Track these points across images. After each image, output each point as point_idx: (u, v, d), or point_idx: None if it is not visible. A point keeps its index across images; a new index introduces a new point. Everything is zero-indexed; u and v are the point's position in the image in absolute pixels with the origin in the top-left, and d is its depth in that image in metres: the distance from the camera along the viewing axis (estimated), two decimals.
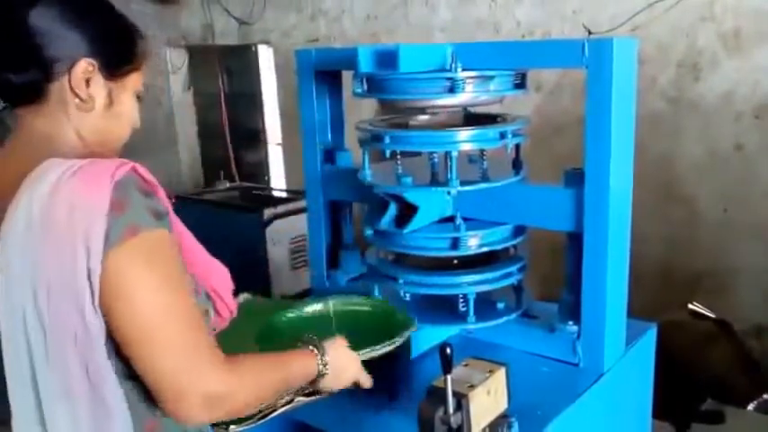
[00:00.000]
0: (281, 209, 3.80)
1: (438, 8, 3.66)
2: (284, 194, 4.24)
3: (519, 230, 1.59)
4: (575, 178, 1.43)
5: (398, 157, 1.56)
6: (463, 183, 1.48)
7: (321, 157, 1.84)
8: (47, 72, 0.93)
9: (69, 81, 0.94)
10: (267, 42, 4.65)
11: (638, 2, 2.94)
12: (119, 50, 0.99)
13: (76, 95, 0.95)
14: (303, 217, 1.94)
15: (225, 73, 5.09)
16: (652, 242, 2.97)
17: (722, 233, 2.89)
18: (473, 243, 1.54)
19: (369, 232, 1.63)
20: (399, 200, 1.54)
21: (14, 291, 0.87)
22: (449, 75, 1.44)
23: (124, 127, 1.03)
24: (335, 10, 4.12)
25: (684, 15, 2.86)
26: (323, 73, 1.79)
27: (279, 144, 4.95)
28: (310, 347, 1.15)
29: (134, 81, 1.02)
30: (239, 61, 4.99)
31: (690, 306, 2.52)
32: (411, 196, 1.51)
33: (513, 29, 3.37)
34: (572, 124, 2.98)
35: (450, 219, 1.57)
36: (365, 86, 1.53)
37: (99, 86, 0.97)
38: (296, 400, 1.20)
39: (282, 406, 1.23)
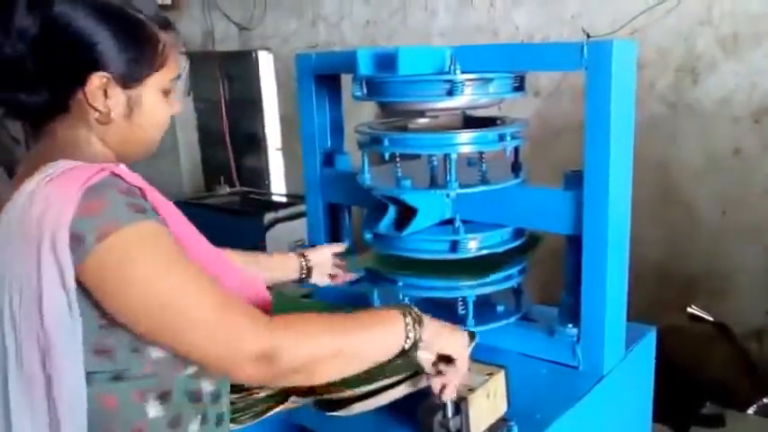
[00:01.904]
0: (281, 213, 3.80)
1: (437, 13, 3.67)
2: (284, 199, 4.25)
3: (519, 233, 1.60)
4: (574, 180, 1.43)
5: (398, 159, 1.56)
6: (462, 185, 1.48)
7: (321, 161, 1.84)
8: (59, 91, 0.93)
9: (85, 96, 0.93)
10: (267, 48, 4.66)
11: (636, 6, 2.95)
12: (132, 60, 0.95)
13: (95, 109, 0.94)
14: (303, 221, 1.94)
15: (225, 79, 5.11)
16: (651, 245, 2.97)
17: (721, 236, 2.89)
18: (472, 246, 1.54)
19: (368, 235, 1.63)
20: (398, 203, 1.54)
21: None
22: (448, 77, 1.44)
23: (148, 131, 1.01)
24: (335, 16, 4.13)
25: (683, 20, 2.87)
26: (322, 77, 1.79)
27: (279, 149, 4.96)
28: (399, 307, 1.06)
29: (157, 81, 0.99)
30: (239, 67, 5.01)
31: (689, 309, 2.52)
32: (410, 199, 1.51)
33: (511, 34, 3.38)
34: (571, 128, 2.98)
35: (450, 221, 1.57)
36: (364, 90, 1.54)
37: (117, 96, 0.95)
38: (291, 400, 1.20)
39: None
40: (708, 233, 2.92)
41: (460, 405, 1.17)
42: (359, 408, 1.20)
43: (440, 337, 1.10)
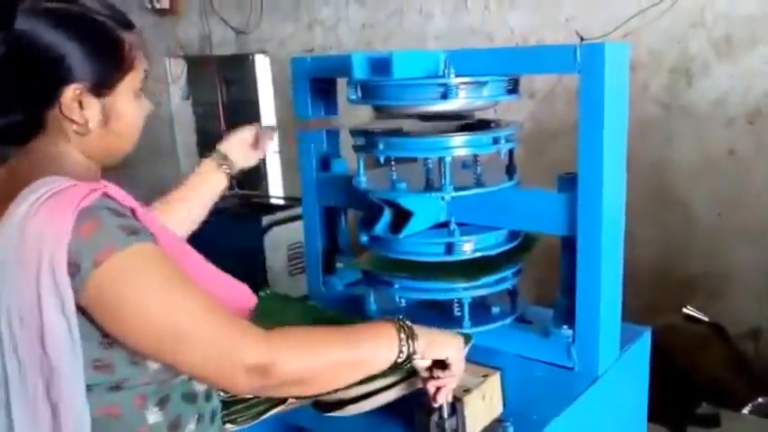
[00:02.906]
0: (279, 216, 3.81)
1: (432, 16, 3.69)
2: (282, 201, 4.25)
3: (514, 235, 1.60)
4: (568, 183, 1.44)
5: (393, 162, 1.57)
6: (457, 188, 1.49)
7: (317, 165, 1.85)
8: (33, 109, 0.91)
9: (61, 110, 0.91)
10: (264, 52, 4.67)
11: (630, 9, 2.97)
12: (102, 67, 0.93)
13: (72, 121, 0.92)
14: (301, 224, 1.95)
15: (223, 82, 5.12)
16: (646, 246, 2.98)
17: (716, 237, 2.90)
18: (467, 248, 1.55)
19: (364, 238, 1.63)
20: (394, 205, 1.55)
21: None
22: (442, 81, 1.45)
23: (127, 138, 1.00)
24: (331, 19, 4.14)
25: (676, 22, 2.89)
26: (318, 80, 1.80)
27: (276, 152, 4.96)
28: (392, 321, 1.06)
29: (128, 84, 0.97)
30: (237, 71, 5.01)
31: (684, 310, 2.53)
32: (405, 202, 1.51)
33: (506, 37, 3.39)
34: (566, 130, 2.99)
35: (445, 224, 1.58)
36: (359, 93, 1.54)
37: (92, 106, 0.93)
38: (289, 401, 1.20)
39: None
40: (703, 234, 2.93)
41: (456, 406, 1.17)
42: (356, 409, 1.20)
43: (433, 345, 1.10)
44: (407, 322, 1.08)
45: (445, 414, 1.18)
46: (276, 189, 5.00)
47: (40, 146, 0.94)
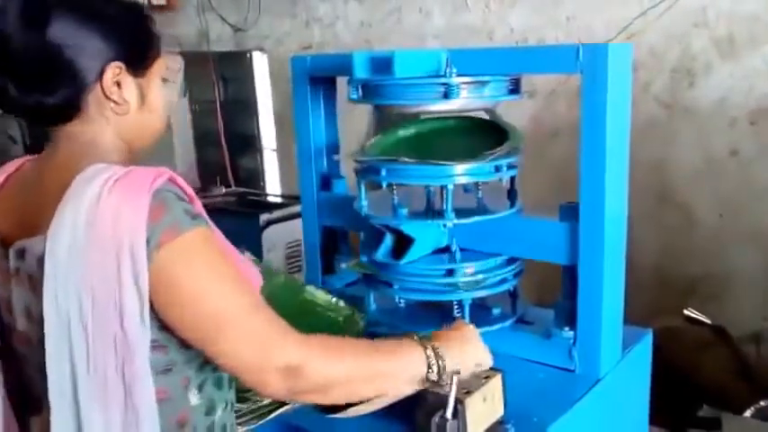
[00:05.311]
0: (276, 214, 3.79)
1: (432, 15, 3.67)
2: (280, 199, 4.24)
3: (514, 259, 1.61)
4: (569, 212, 1.44)
5: (394, 187, 1.56)
6: (459, 215, 1.49)
7: (317, 184, 1.84)
8: (78, 87, 0.94)
9: (102, 89, 0.95)
10: (262, 49, 4.66)
11: (631, 8, 2.95)
12: (140, 45, 0.99)
13: (112, 100, 0.96)
14: (299, 222, 1.95)
15: (220, 80, 5.10)
16: (648, 247, 2.97)
17: (718, 238, 2.89)
18: (469, 272, 1.55)
19: (364, 259, 1.63)
20: (395, 231, 1.55)
21: (62, 296, 0.88)
22: (444, 80, 1.44)
23: (159, 118, 1.05)
24: (329, 17, 4.13)
25: (678, 21, 2.87)
26: (318, 79, 1.79)
27: (274, 150, 4.95)
28: (415, 338, 1.11)
29: (158, 67, 1.03)
30: (234, 68, 5.00)
31: (685, 312, 2.52)
32: (407, 229, 1.52)
33: (506, 35, 3.38)
34: (568, 130, 2.98)
35: (446, 249, 1.59)
36: (360, 92, 1.54)
37: (130, 86, 0.98)
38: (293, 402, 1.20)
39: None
40: (705, 235, 2.92)
41: (457, 408, 1.16)
42: (357, 411, 1.20)
43: (465, 355, 1.15)
44: (425, 339, 1.13)
45: (446, 416, 1.17)
46: (274, 187, 4.99)
47: (78, 128, 0.97)
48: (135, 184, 0.89)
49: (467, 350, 1.17)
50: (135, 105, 0.99)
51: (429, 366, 1.08)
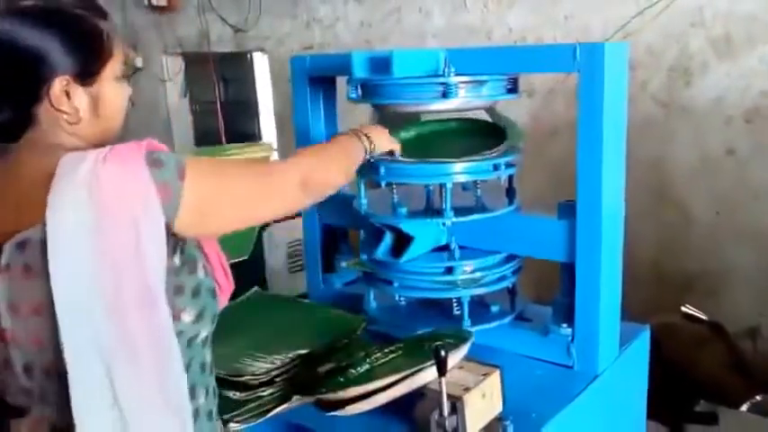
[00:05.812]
0: None
1: (431, 15, 3.68)
2: None
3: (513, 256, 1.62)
4: (568, 210, 1.45)
5: (394, 186, 1.57)
6: (458, 213, 1.50)
7: None
8: (25, 104, 0.95)
9: (50, 102, 0.94)
10: (262, 50, 4.66)
11: (629, 8, 2.97)
12: (87, 56, 0.97)
13: (63, 112, 0.96)
14: (299, 221, 1.96)
15: (221, 80, 5.10)
16: (645, 244, 2.98)
17: (714, 236, 2.91)
18: (468, 270, 1.57)
19: (364, 258, 1.64)
20: (395, 230, 1.56)
21: (72, 268, 0.89)
22: (442, 80, 1.45)
23: (115, 119, 1.05)
24: (330, 17, 4.14)
25: (675, 21, 2.89)
26: (317, 79, 1.80)
27: (274, 149, 4.96)
28: (350, 132, 1.38)
29: (110, 70, 1.01)
30: (235, 69, 5.01)
31: (682, 308, 2.53)
32: (407, 227, 1.53)
33: (504, 35, 3.39)
34: (566, 128, 2.99)
35: (445, 246, 1.60)
36: (359, 92, 1.55)
37: (79, 96, 0.97)
38: (294, 399, 1.21)
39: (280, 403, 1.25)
40: (702, 233, 2.94)
41: (456, 404, 1.18)
42: (357, 408, 1.21)
43: (381, 137, 1.43)
44: (358, 129, 1.39)
45: (445, 412, 1.18)
46: None
47: (36, 138, 0.97)
48: (126, 151, 0.92)
49: (381, 137, 1.42)
50: (86, 113, 0.98)
51: (366, 148, 1.36)
